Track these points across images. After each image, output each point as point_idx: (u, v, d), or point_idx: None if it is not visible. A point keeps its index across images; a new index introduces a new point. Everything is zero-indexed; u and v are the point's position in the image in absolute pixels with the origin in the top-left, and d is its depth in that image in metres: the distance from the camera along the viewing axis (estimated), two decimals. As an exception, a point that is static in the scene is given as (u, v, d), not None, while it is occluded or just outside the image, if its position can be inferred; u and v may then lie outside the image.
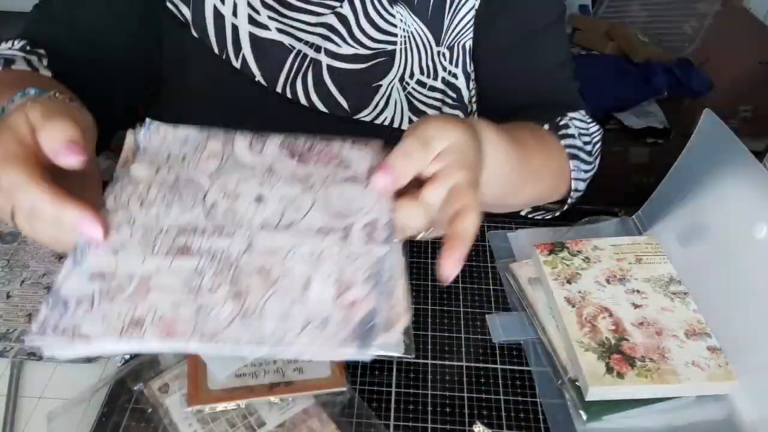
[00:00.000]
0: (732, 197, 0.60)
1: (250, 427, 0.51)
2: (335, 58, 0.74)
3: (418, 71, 0.76)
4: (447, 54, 0.75)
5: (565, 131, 0.70)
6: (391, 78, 0.75)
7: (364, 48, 0.74)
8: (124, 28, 0.73)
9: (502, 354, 0.59)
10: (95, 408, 0.52)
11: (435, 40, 0.75)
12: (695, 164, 0.64)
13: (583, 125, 0.74)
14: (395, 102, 0.76)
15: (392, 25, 0.73)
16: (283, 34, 0.73)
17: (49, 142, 0.41)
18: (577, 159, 0.70)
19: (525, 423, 0.53)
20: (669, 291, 0.60)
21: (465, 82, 0.77)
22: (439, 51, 0.75)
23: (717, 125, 0.61)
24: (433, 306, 0.63)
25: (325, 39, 0.73)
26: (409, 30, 0.74)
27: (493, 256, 0.69)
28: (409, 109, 0.77)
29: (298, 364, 0.55)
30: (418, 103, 0.77)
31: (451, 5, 0.73)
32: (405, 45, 0.74)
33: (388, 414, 0.53)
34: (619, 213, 0.74)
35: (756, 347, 0.54)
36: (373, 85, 0.75)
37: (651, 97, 1.94)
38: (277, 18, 0.73)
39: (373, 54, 0.74)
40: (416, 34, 0.74)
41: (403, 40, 0.74)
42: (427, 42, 0.75)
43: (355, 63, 0.74)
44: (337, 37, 0.73)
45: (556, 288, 0.61)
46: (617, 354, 0.54)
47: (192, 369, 0.54)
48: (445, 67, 0.76)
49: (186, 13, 0.73)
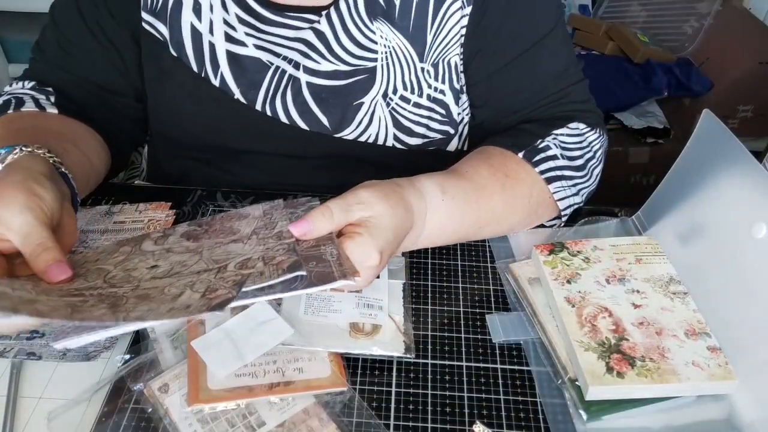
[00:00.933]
0: (731, 197, 0.60)
1: (250, 427, 0.51)
2: (314, 74, 0.73)
3: (401, 87, 0.74)
4: (432, 71, 0.74)
5: (544, 154, 0.69)
6: (373, 95, 0.74)
7: (344, 64, 0.73)
8: (115, 57, 0.74)
9: (502, 354, 0.59)
10: (95, 408, 0.53)
11: (418, 56, 0.73)
12: (695, 164, 0.64)
13: (572, 139, 0.72)
14: (379, 119, 0.75)
15: (372, 41, 0.72)
16: (260, 50, 0.73)
17: (37, 267, 0.51)
18: (561, 179, 0.69)
19: (525, 423, 0.53)
20: (669, 291, 0.60)
21: (453, 99, 0.76)
22: (423, 68, 0.74)
23: (717, 125, 0.61)
24: (433, 306, 0.63)
25: (303, 55, 0.72)
26: (391, 45, 0.72)
27: (493, 256, 0.69)
28: (394, 126, 0.76)
29: (298, 364, 0.55)
30: (404, 119, 0.76)
31: (433, 22, 0.72)
32: (387, 60, 0.73)
33: (388, 414, 0.53)
34: (619, 213, 0.74)
35: (756, 347, 0.54)
36: (354, 103, 0.74)
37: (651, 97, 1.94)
38: (253, 34, 0.72)
39: (354, 70, 0.73)
40: (398, 49, 0.73)
41: (385, 55, 0.73)
42: (410, 57, 0.73)
43: (335, 79, 0.73)
44: (315, 53, 0.72)
45: (556, 288, 0.61)
46: (617, 354, 0.54)
47: (192, 369, 0.54)
48: (430, 84, 0.75)
49: (163, 31, 0.73)
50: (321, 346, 0.56)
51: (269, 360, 0.55)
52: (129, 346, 0.57)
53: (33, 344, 0.57)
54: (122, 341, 0.58)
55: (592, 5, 2.22)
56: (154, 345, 0.57)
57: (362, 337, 0.57)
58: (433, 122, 0.77)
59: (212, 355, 0.54)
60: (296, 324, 0.57)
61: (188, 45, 0.73)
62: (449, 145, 0.80)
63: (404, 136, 0.77)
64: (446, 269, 0.67)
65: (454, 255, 0.69)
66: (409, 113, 0.76)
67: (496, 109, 0.77)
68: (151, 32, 0.73)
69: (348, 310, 0.59)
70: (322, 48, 0.72)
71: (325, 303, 0.60)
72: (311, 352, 0.56)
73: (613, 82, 1.90)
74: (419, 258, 0.68)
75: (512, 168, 0.68)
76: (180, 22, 0.72)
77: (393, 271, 0.64)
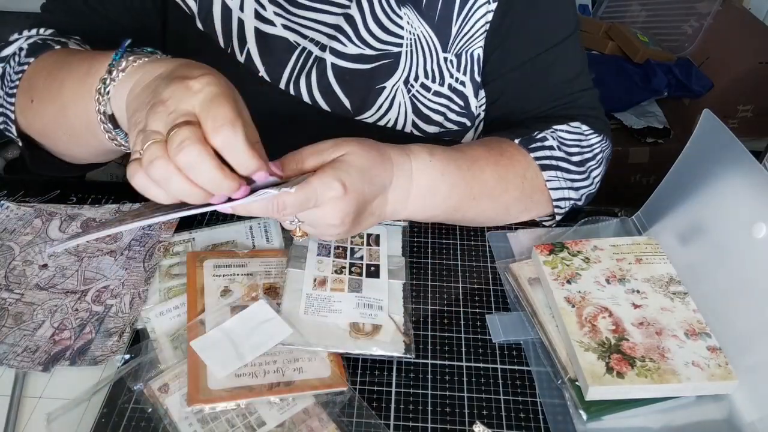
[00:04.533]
0: (731, 197, 0.60)
1: (250, 427, 0.51)
2: (340, 57, 0.74)
3: (423, 75, 0.75)
4: (454, 61, 0.75)
5: (540, 143, 0.70)
6: (395, 80, 0.75)
7: (370, 48, 0.74)
8: (139, 18, 0.73)
9: (502, 354, 0.59)
10: (95, 408, 0.53)
11: (442, 46, 0.74)
12: (695, 164, 0.64)
13: (573, 136, 0.73)
14: (399, 104, 0.76)
15: (399, 27, 0.73)
16: (288, 30, 0.73)
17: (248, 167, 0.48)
18: (556, 169, 0.70)
19: (525, 423, 0.53)
20: (669, 291, 0.60)
21: (473, 91, 0.77)
22: (446, 57, 0.75)
23: (717, 125, 0.61)
24: (433, 306, 0.63)
25: (330, 38, 0.73)
26: (416, 33, 0.74)
27: (493, 256, 0.69)
28: (413, 112, 0.77)
29: (298, 364, 0.55)
30: (423, 107, 0.77)
31: (460, 13, 0.73)
32: (411, 47, 0.74)
33: (388, 414, 0.53)
34: (619, 213, 0.74)
35: (756, 347, 0.54)
36: (376, 87, 0.75)
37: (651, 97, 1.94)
38: (283, 14, 0.73)
39: (379, 55, 0.74)
40: (422, 37, 0.74)
41: (409, 42, 0.74)
42: (434, 46, 0.74)
43: (360, 63, 0.74)
44: (343, 36, 0.73)
45: (556, 288, 0.61)
46: (617, 354, 0.54)
47: (192, 369, 0.54)
48: (452, 73, 0.76)
49: (192, 5, 0.73)
50: (321, 346, 0.56)
51: (269, 360, 0.55)
52: (129, 346, 0.57)
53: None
54: (122, 341, 0.58)
55: (592, 5, 2.22)
56: (154, 345, 0.57)
57: (362, 337, 0.57)
58: (451, 112, 0.78)
59: (212, 355, 0.54)
60: (296, 324, 0.57)
61: (217, 20, 0.73)
62: (464, 138, 0.81)
63: (422, 123, 0.78)
64: (446, 269, 0.67)
65: (454, 255, 0.69)
66: (428, 101, 0.77)
67: (507, 108, 0.78)
68: (180, 4, 0.73)
69: (348, 310, 0.59)
70: (350, 32, 0.73)
71: (325, 303, 0.60)
72: (311, 352, 0.56)
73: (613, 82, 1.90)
74: (419, 258, 0.68)
75: (507, 150, 0.69)
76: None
77: (393, 271, 0.64)
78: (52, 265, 0.65)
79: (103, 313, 0.60)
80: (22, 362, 0.55)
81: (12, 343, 0.57)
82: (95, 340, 0.57)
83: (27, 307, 0.60)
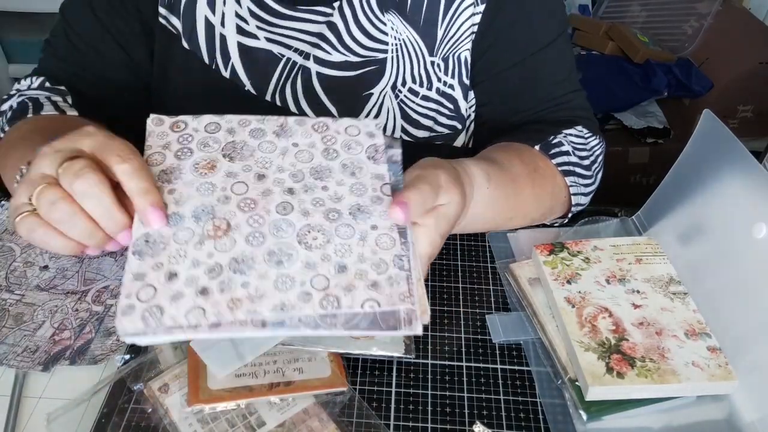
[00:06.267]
0: (731, 197, 0.60)
1: (250, 427, 0.51)
2: (324, 65, 0.73)
3: (410, 80, 0.75)
4: (442, 65, 0.75)
5: (558, 149, 0.71)
6: (382, 86, 0.74)
7: (355, 55, 0.73)
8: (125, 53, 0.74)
9: (502, 354, 0.59)
10: (95, 408, 0.53)
11: (428, 50, 0.74)
12: (695, 164, 0.64)
13: (579, 140, 0.74)
14: (388, 110, 0.76)
15: (383, 33, 0.72)
16: (272, 42, 0.73)
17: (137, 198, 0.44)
18: (574, 175, 0.71)
19: (525, 423, 0.53)
20: (669, 291, 0.60)
21: (462, 94, 0.77)
22: (433, 61, 0.74)
23: (717, 125, 0.61)
24: (433, 306, 0.63)
25: (314, 46, 0.73)
26: (401, 38, 0.73)
27: (493, 256, 0.69)
28: (402, 118, 0.76)
29: (298, 364, 0.55)
30: (412, 112, 0.76)
31: (445, 16, 0.72)
32: (397, 53, 0.73)
33: (388, 414, 0.53)
34: (619, 213, 0.74)
35: (756, 347, 0.54)
36: (364, 94, 0.74)
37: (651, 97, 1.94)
38: (265, 27, 0.72)
39: (364, 61, 0.73)
40: (408, 42, 0.73)
41: (395, 47, 0.73)
42: (420, 51, 0.74)
43: (345, 70, 0.73)
44: (326, 44, 0.72)
45: (556, 288, 0.61)
46: (617, 354, 0.54)
47: (192, 369, 0.54)
48: (440, 77, 0.75)
49: (176, 24, 0.73)
50: (321, 346, 0.56)
51: (269, 360, 0.55)
52: (129, 346, 0.57)
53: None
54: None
55: (592, 5, 2.22)
56: (154, 345, 0.57)
57: (362, 337, 0.57)
58: (441, 116, 0.77)
59: (212, 355, 0.54)
60: (296, 324, 0.57)
61: (201, 37, 0.73)
62: (456, 141, 0.81)
63: (412, 129, 0.77)
64: (446, 269, 0.67)
65: (454, 255, 0.69)
66: (417, 106, 0.76)
67: (499, 109, 0.77)
68: (166, 26, 0.73)
69: (348, 310, 0.59)
70: (334, 39, 0.73)
71: (325, 303, 0.60)
72: (311, 352, 0.56)
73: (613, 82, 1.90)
74: (419, 258, 0.68)
75: (539, 165, 0.70)
76: (195, 14, 0.72)
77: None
78: (53, 266, 0.65)
79: (103, 312, 0.60)
80: (22, 362, 0.56)
81: (12, 343, 0.57)
82: (95, 340, 0.57)
83: (27, 307, 0.61)
